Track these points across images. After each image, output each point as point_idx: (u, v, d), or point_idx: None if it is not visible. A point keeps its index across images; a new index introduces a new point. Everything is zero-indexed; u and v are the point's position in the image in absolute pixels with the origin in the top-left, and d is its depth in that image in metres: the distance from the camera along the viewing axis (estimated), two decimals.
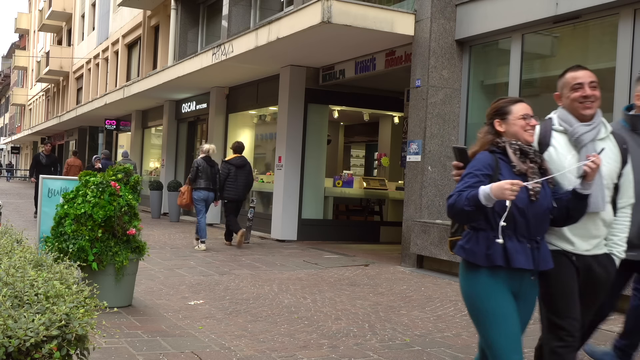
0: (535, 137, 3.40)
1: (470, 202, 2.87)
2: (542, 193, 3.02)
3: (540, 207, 2.99)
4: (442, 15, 9.15)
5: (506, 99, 3.38)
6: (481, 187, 2.88)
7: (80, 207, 5.77)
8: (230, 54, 11.69)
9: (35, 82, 46.67)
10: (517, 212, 2.93)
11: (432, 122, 9.13)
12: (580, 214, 3.11)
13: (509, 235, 2.93)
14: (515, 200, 2.85)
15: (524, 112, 3.27)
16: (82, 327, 2.44)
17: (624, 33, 7.08)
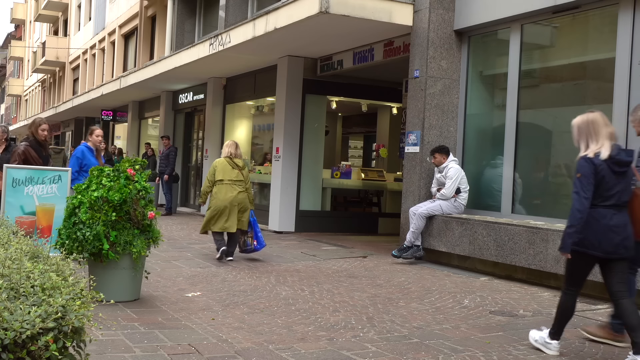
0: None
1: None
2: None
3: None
4: (440, 5, 9.10)
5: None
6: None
7: (94, 194, 5.72)
8: (228, 45, 11.63)
9: (31, 72, 46.51)
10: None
11: (431, 112, 9.09)
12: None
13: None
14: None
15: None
16: (78, 319, 2.41)
17: (623, 23, 7.05)
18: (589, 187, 4.32)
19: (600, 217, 4.38)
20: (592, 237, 4.38)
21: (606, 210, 4.38)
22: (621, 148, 4.47)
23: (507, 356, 4.56)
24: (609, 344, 4.90)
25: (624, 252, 4.42)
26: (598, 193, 4.37)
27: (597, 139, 4.41)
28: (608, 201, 4.37)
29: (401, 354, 4.50)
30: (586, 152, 4.43)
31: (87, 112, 29.15)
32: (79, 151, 8.47)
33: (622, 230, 4.39)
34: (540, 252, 7.19)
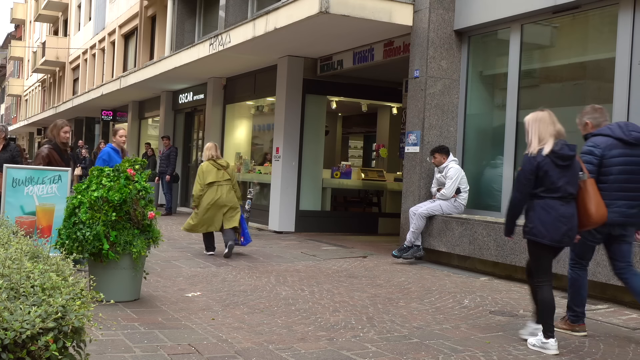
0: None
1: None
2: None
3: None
4: (440, 5, 9.10)
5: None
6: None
7: (94, 194, 5.72)
8: (228, 45, 11.63)
9: (31, 72, 46.51)
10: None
11: (431, 112, 9.09)
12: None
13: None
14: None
15: None
16: (78, 319, 2.41)
17: (623, 23, 7.05)
18: (526, 183, 4.68)
19: (550, 208, 4.66)
20: (542, 227, 4.67)
21: (554, 201, 4.66)
22: (566, 143, 4.71)
23: (507, 356, 4.56)
24: (568, 333, 5.16)
25: (569, 242, 4.78)
26: (545, 186, 4.66)
27: (543, 136, 4.70)
28: (555, 193, 4.65)
29: (401, 354, 4.50)
30: (531, 148, 4.73)
31: (87, 112, 29.15)
32: (105, 153, 8.31)
33: (568, 221, 4.68)
34: None
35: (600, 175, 4.95)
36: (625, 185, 4.97)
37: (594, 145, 4.99)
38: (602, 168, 4.95)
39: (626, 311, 6.20)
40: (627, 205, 4.98)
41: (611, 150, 4.96)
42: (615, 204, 4.92)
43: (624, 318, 5.92)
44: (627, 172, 4.97)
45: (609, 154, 4.95)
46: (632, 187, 4.99)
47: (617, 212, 4.95)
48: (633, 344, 5.01)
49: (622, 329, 5.49)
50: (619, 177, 4.95)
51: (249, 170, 14.74)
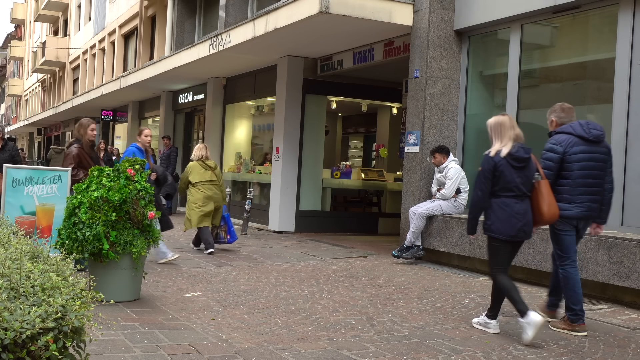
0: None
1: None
2: None
3: None
4: (440, 5, 9.10)
5: None
6: None
7: (94, 194, 5.71)
8: (228, 45, 11.63)
9: (31, 72, 46.50)
10: None
11: (431, 112, 9.09)
12: None
13: None
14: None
15: None
16: (78, 319, 2.41)
17: (623, 23, 7.05)
18: (485, 181, 5.05)
19: (505, 205, 5.03)
20: (498, 223, 5.04)
21: (509, 199, 5.03)
22: (522, 147, 5.07)
23: (507, 356, 4.56)
24: (568, 333, 5.29)
25: (524, 236, 5.11)
26: (501, 185, 5.03)
27: (502, 139, 5.08)
28: (510, 192, 5.03)
29: (401, 354, 4.50)
30: (490, 150, 5.12)
31: (87, 112, 29.08)
32: (129, 152, 8.20)
33: (522, 217, 5.04)
34: (540, 252, 7.19)
35: (563, 171, 5.26)
36: (586, 181, 5.25)
37: (556, 143, 5.31)
38: (564, 164, 5.24)
39: (626, 311, 6.20)
40: (590, 199, 5.28)
41: (573, 147, 5.25)
42: (579, 198, 5.24)
43: (624, 318, 5.92)
44: (587, 168, 5.25)
45: (570, 151, 5.24)
46: (593, 182, 5.27)
47: (583, 207, 5.25)
48: (633, 344, 5.01)
49: (622, 329, 5.49)
50: (581, 172, 5.24)
51: (249, 170, 14.74)
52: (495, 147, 5.09)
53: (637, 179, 6.83)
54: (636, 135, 6.88)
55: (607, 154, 5.39)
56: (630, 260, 6.24)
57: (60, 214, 6.03)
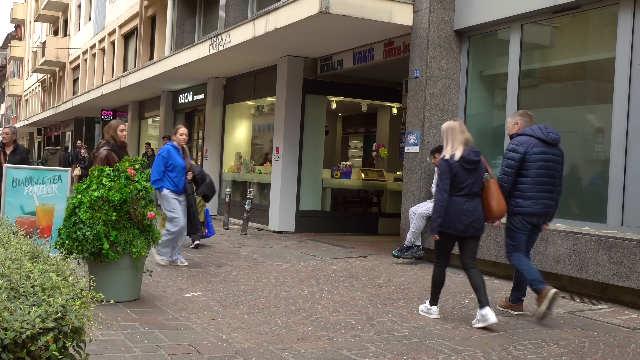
0: None
1: None
2: None
3: None
4: (440, 5, 9.10)
5: None
6: None
7: (94, 194, 5.71)
8: (228, 45, 11.63)
9: (31, 72, 46.49)
10: None
11: (431, 112, 9.09)
12: None
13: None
14: None
15: None
16: (78, 319, 2.42)
17: (623, 23, 7.04)
18: (446, 182, 5.42)
19: (455, 203, 5.43)
20: (449, 219, 5.43)
21: (459, 198, 5.44)
22: (472, 150, 5.52)
23: (507, 356, 4.56)
24: (507, 311, 5.95)
25: (474, 232, 5.50)
26: (453, 186, 5.44)
27: (453, 143, 5.53)
28: (461, 192, 5.44)
29: (401, 354, 4.50)
30: (444, 153, 5.55)
31: (87, 112, 29.16)
32: (164, 150, 7.97)
33: (471, 214, 5.45)
34: (540, 252, 7.19)
35: (523, 170, 5.67)
36: (544, 180, 5.68)
37: (517, 144, 5.73)
38: (524, 163, 5.66)
39: (626, 311, 6.20)
40: (548, 197, 5.72)
41: (533, 148, 5.67)
42: (538, 196, 5.66)
43: (624, 318, 5.92)
44: (545, 167, 5.69)
45: (530, 152, 5.66)
46: (550, 181, 5.72)
47: (541, 204, 5.69)
48: (633, 344, 5.01)
49: (622, 329, 5.49)
50: (539, 172, 5.66)
51: (249, 170, 14.74)
52: (448, 150, 5.53)
53: (637, 179, 6.83)
54: (636, 135, 6.88)
55: (561, 156, 5.86)
56: (630, 260, 6.24)
57: (60, 214, 6.04)
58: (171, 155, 7.89)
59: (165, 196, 7.85)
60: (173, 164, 7.85)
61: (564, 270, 6.96)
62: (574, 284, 7.00)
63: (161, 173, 7.80)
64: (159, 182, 7.77)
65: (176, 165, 7.86)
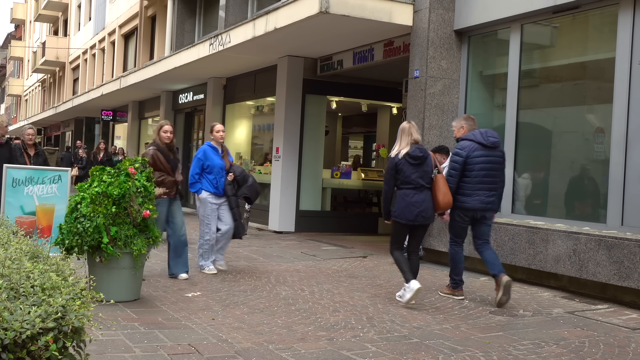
0: None
1: None
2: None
3: None
4: (440, 5, 9.10)
5: None
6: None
7: (94, 190, 5.75)
8: (228, 45, 11.63)
9: (31, 72, 46.49)
10: None
11: (431, 112, 9.09)
12: None
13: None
14: None
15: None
16: (78, 319, 2.41)
17: (623, 23, 7.04)
18: (389, 177, 6.17)
19: (405, 196, 6.12)
20: (399, 210, 6.12)
21: (408, 190, 6.12)
22: (418, 147, 6.18)
23: (507, 356, 4.56)
24: (450, 297, 6.54)
25: (422, 220, 6.15)
26: (401, 180, 6.13)
27: (401, 142, 6.21)
28: (409, 185, 6.12)
29: (401, 354, 4.50)
30: (392, 151, 6.25)
31: (87, 112, 29.15)
32: (200, 151, 7.59)
33: (420, 205, 6.10)
34: (540, 252, 7.19)
35: (466, 170, 6.32)
36: (484, 179, 6.32)
37: (461, 148, 6.39)
38: (467, 165, 6.31)
39: (626, 311, 6.20)
40: (487, 194, 6.33)
41: (474, 151, 6.32)
42: (477, 193, 6.31)
43: (624, 318, 5.92)
44: (485, 169, 6.33)
45: (472, 154, 6.32)
46: (490, 180, 6.35)
47: (478, 200, 6.31)
48: (633, 344, 5.01)
49: (622, 329, 5.49)
50: (480, 172, 6.31)
51: (249, 170, 14.73)
52: (396, 149, 6.22)
53: (637, 179, 6.83)
54: (636, 135, 6.88)
55: (502, 157, 6.51)
56: (630, 260, 6.24)
57: (60, 214, 6.04)
58: (207, 156, 7.51)
59: (204, 200, 7.49)
60: (210, 165, 7.46)
61: (564, 270, 6.96)
62: (574, 284, 7.00)
63: (197, 176, 7.48)
64: (196, 184, 7.47)
65: (213, 166, 7.47)
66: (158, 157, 7.07)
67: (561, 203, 7.99)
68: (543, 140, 8.45)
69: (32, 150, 8.71)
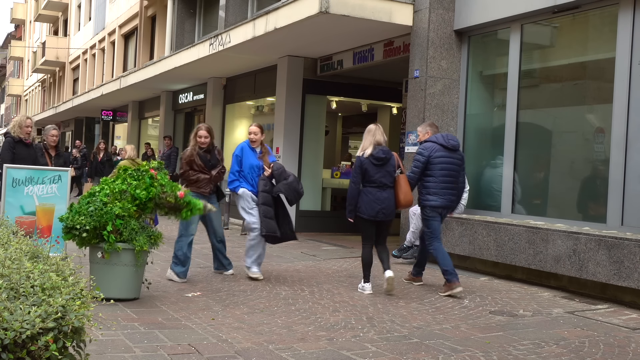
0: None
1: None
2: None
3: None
4: (440, 5, 9.10)
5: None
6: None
7: (119, 186, 5.79)
8: (228, 45, 11.63)
9: (31, 72, 46.49)
10: None
11: (431, 112, 9.09)
12: None
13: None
14: None
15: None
16: (78, 319, 2.41)
17: (623, 23, 7.05)
18: (356, 175, 6.59)
19: (368, 193, 6.59)
20: (363, 206, 6.61)
21: (372, 189, 6.58)
22: (382, 149, 6.57)
23: (507, 356, 4.56)
24: (411, 283, 7.27)
25: (383, 217, 6.61)
26: (366, 179, 6.58)
27: (365, 142, 6.65)
28: (373, 183, 6.57)
29: (401, 354, 4.50)
30: (359, 152, 6.68)
31: (87, 112, 29.15)
32: (238, 148, 7.52)
33: (382, 202, 6.57)
34: (540, 252, 7.19)
35: (428, 170, 6.81)
36: (446, 179, 6.81)
37: (423, 149, 6.90)
38: (429, 165, 6.81)
39: (626, 311, 6.20)
40: (450, 193, 6.82)
41: (436, 153, 6.82)
42: (442, 192, 6.80)
43: (624, 318, 5.92)
44: (446, 169, 6.82)
45: (434, 155, 6.82)
46: (451, 180, 6.84)
47: (445, 198, 6.80)
48: (633, 344, 5.01)
49: (622, 329, 5.49)
50: (441, 172, 6.79)
51: None
52: (361, 149, 6.68)
53: (637, 179, 6.83)
54: (636, 135, 6.88)
55: (461, 159, 6.99)
56: (630, 260, 6.24)
57: (61, 214, 6.04)
58: (244, 154, 7.45)
59: (243, 196, 7.31)
60: (245, 163, 7.41)
61: (564, 270, 6.96)
62: (574, 284, 7.00)
63: (236, 173, 7.42)
64: (235, 182, 7.39)
65: (248, 164, 7.37)
66: (195, 160, 7.22)
67: (561, 203, 7.98)
68: (543, 140, 8.45)
69: (54, 151, 8.68)
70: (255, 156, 7.40)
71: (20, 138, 8.26)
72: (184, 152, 7.41)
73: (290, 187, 7.24)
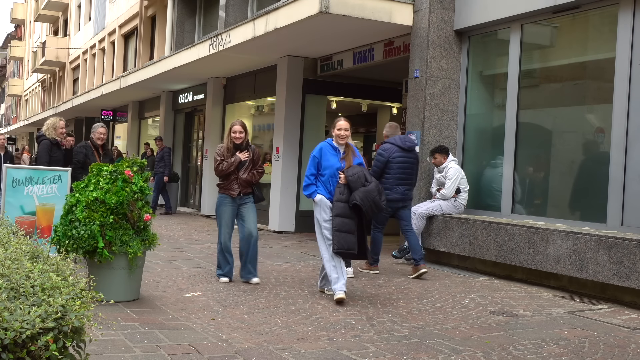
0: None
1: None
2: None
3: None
4: (440, 5, 9.10)
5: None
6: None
7: (92, 194, 5.73)
8: (228, 45, 11.63)
9: (31, 72, 46.50)
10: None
11: (431, 112, 9.09)
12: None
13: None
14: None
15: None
16: (78, 319, 2.41)
17: (623, 23, 7.05)
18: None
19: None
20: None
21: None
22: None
23: (507, 356, 4.56)
24: (368, 272, 7.99)
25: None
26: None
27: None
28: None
29: (401, 354, 4.50)
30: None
31: (87, 112, 29.14)
32: (316, 149, 6.46)
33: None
34: (540, 252, 7.19)
35: (387, 169, 7.69)
36: (401, 176, 7.75)
37: (384, 150, 7.77)
38: (388, 164, 7.69)
39: (626, 311, 6.20)
40: (404, 189, 7.79)
41: (393, 153, 7.72)
42: (397, 188, 7.71)
43: (624, 318, 5.92)
44: (402, 167, 7.75)
45: (392, 155, 7.71)
46: (406, 177, 7.79)
47: (397, 193, 7.71)
48: (633, 344, 5.01)
49: (622, 329, 5.49)
50: (398, 170, 7.72)
51: None
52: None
53: (637, 179, 6.84)
54: (636, 135, 6.88)
55: (416, 159, 7.96)
56: (630, 260, 6.24)
57: (61, 214, 6.03)
58: (323, 155, 6.37)
59: (320, 204, 6.35)
60: (325, 166, 6.33)
61: (564, 270, 6.96)
62: (574, 284, 7.01)
63: (312, 177, 6.37)
64: (310, 187, 6.37)
65: (328, 167, 6.31)
66: (222, 157, 7.01)
67: (561, 203, 7.99)
68: (543, 140, 8.45)
69: (101, 149, 8.67)
70: (337, 157, 6.35)
71: (57, 140, 8.55)
72: (218, 148, 7.13)
73: (368, 196, 6.15)
